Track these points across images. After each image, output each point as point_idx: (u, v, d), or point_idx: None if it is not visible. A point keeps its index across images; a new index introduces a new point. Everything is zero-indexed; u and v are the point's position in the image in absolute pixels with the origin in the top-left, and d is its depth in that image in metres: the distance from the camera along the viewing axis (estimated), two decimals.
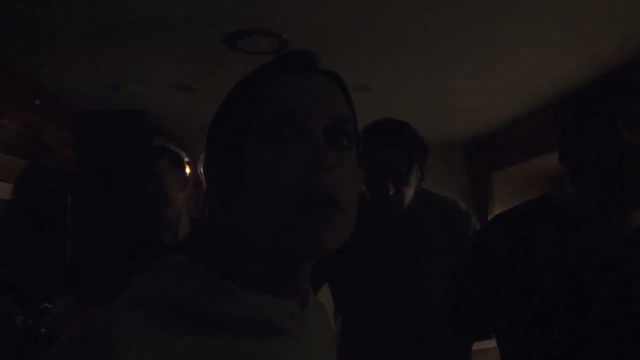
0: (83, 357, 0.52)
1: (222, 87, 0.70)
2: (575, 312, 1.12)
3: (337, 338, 1.76)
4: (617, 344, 1.10)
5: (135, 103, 3.57)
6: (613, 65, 2.82)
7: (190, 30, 2.36)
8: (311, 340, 0.71)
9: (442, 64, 2.86)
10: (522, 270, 1.18)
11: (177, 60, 2.78)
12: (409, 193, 1.72)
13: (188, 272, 0.61)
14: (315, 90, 0.64)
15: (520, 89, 3.34)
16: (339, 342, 1.76)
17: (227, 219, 0.65)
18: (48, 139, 3.29)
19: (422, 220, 1.78)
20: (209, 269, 0.61)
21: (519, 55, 2.71)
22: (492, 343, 1.32)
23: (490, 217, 2.50)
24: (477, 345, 1.39)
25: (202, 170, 0.72)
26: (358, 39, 2.49)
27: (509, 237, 1.24)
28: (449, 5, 2.12)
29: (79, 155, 3.72)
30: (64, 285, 2.69)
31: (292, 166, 0.59)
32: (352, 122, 0.67)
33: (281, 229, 0.58)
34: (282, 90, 0.63)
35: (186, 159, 2.09)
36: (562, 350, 1.13)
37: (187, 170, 2.07)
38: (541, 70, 2.96)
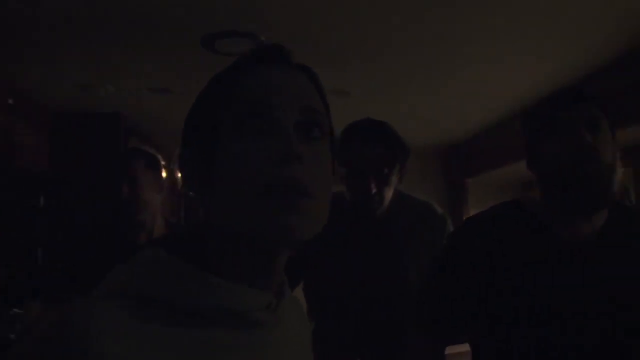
0: (57, 347, 0.52)
1: (199, 88, 0.70)
2: (544, 313, 1.15)
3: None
4: (590, 340, 1.12)
5: (111, 104, 3.53)
6: (583, 73, 2.89)
7: (168, 31, 2.34)
8: (288, 333, 0.71)
9: (420, 72, 2.90)
10: (493, 271, 1.21)
11: (154, 62, 2.76)
12: (389, 193, 1.72)
13: (163, 264, 0.61)
14: (286, 83, 0.65)
15: (496, 98, 3.39)
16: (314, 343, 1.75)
17: (202, 212, 0.66)
18: (20, 139, 3.22)
19: (401, 221, 1.79)
20: (185, 262, 0.61)
21: (494, 64, 2.76)
22: (466, 347, 1.34)
23: None
24: (451, 349, 1.41)
25: (177, 166, 0.72)
26: (337, 44, 2.51)
27: (481, 239, 1.27)
28: (428, 14, 2.15)
29: (52, 156, 3.65)
30: (35, 289, 2.63)
31: (261, 156, 0.59)
32: (325, 115, 0.67)
33: (250, 217, 0.59)
34: (253, 83, 0.64)
35: (162, 162, 2.07)
36: (536, 349, 1.15)
37: (163, 173, 2.05)
38: (516, 80, 3.01)
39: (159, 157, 2.05)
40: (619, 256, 1.17)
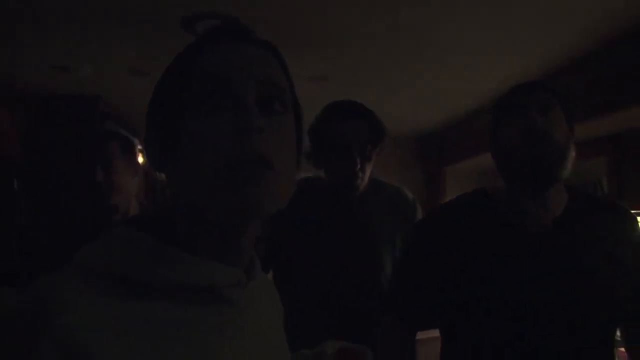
0: (20, 322, 0.52)
1: None
2: (501, 300, 1.19)
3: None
4: (553, 325, 1.16)
5: (87, 86, 3.47)
6: (557, 65, 2.94)
7: (147, 12, 2.31)
8: (259, 313, 0.71)
9: (399, 59, 2.90)
10: (456, 259, 1.25)
11: (133, 43, 2.71)
12: (368, 173, 1.73)
13: (132, 240, 0.62)
14: (245, 58, 0.65)
15: (473, 87, 3.42)
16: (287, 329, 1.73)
17: (169, 191, 0.66)
18: None
19: (375, 204, 1.79)
20: (154, 238, 0.62)
21: (471, 53, 2.78)
22: (437, 332, 1.36)
23: None
24: (422, 335, 1.43)
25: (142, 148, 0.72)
26: (316, 30, 2.50)
27: (445, 227, 1.32)
28: (408, 4, 2.15)
29: (26, 139, 3.58)
30: (8, 274, 2.60)
31: (221, 131, 0.60)
32: (287, 90, 0.68)
33: (213, 191, 0.59)
34: (213, 59, 0.64)
35: (139, 146, 2.05)
36: (497, 336, 1.19)
37: (139, 157, 2.03)
38: (492, 69, 3.04)
39: (135, 140, 2.03)
40: (575, 244, 1.22)
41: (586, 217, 1.26)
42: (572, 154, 1.24)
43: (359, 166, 1.66)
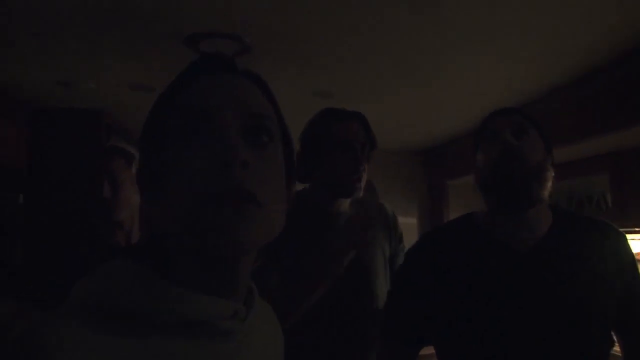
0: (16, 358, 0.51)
1: None
2: (492, 318, 1.20)
3: None
4: (540, 342, 1.17)
5: (91, 101, 3.49)
6: (559, 80, 2.94)
7: (152, 29, 2.33)
8: (259, 343, 0.70)
9: (403, 74, 2.91)
10: (447, 281, 1.28)
11: (136, 59, 2.74)
12: (364, 179, 1.68)
13: (127, 275, 0.61)
14: (229, 90, 0.65)
15: (476, 101, 3.43)
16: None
17: (157, 219, 0.64)
18: None
19: (366, 216, 1.75)
20: (150, 271, 0.61)
21: (476, 68, 2.79)
22: (431, 349, 1.38)
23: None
24: (423, 350, 1.44)
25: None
26: (321, 46, 2.51)
27: (435, 252, 1.35)
28: (410, 18, 2.16)
29: (31, 152, 3.60)
30: (10, 287, 2.60)
31: (204, 164, 0.59)
32: (273, 119, 0.67)
33: (199, 227, 0.58)
34: (195, 92, 0.64)
35: None
36: (490, 353, 1.20)
37: None
38: (497, 83, 3.05)
39: None
40: (559, 263, 1.22)
41: (571, 237, 1.27)
42: (550, 175, 1.26)
43: (362, 166, 1.63)
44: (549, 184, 1.26)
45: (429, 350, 1.40)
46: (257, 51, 2.53)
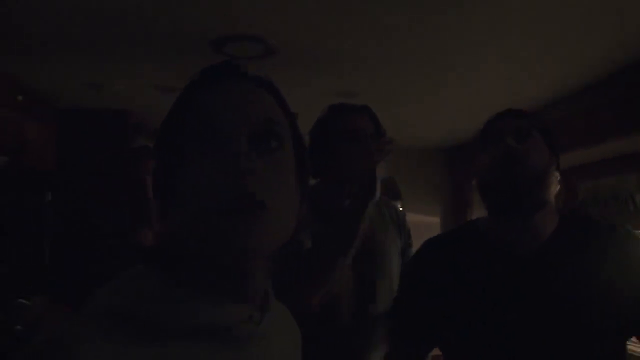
0: None
1: None
2: (495, 324, 1.20)
3: None
4: (542, 348, 1.16)
5: (119, 102, 3.56)
6: (586, 81, 2.90)
7: (178, 32, 2.36)
8: (276, 346, 0.70)
9: (426, 72, 2.91)
10: (450, 288, 1.27)
11: (162, 61, 2.78)
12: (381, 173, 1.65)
13: (144, 283, 0.62)
14: (237, 97, 0.65)
15: (500, 98, 3.39)
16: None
17: (170, 227, 0.65)
18: (29, 136, 3.25)
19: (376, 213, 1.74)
20: (167, 278, 0.62)
21: (499, 67, 2.77)
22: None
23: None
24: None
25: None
26: (345, 47, 2.52)
27: (436, 260, 1.34)
28: (434, 17, 2.16)
29: (60, 153, 3.68)
30: (41, 285, 2.65)
31: (213, 172, 0.59)
32: (283, 124, 0.67)
33: (209, 235, 0.59)
34: (203, 100, 0.65)
35: None
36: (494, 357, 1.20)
37: None
38: (520, 82, 3.02)
39: None
40: (561, 268, 1.20)
41: (575, 241, 1.23)
42: (554, 179, 1.23)
43: (374, 156, 1.55)
44: (554, 188, 1.23)
45: (435, 351, 1.41)
46: (281, 53, 2.55)
